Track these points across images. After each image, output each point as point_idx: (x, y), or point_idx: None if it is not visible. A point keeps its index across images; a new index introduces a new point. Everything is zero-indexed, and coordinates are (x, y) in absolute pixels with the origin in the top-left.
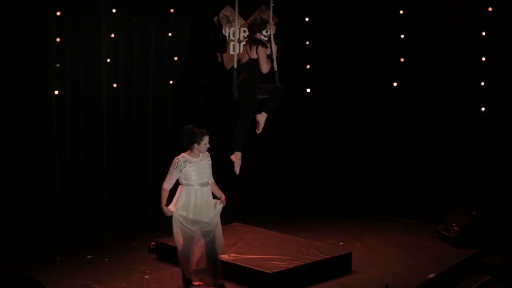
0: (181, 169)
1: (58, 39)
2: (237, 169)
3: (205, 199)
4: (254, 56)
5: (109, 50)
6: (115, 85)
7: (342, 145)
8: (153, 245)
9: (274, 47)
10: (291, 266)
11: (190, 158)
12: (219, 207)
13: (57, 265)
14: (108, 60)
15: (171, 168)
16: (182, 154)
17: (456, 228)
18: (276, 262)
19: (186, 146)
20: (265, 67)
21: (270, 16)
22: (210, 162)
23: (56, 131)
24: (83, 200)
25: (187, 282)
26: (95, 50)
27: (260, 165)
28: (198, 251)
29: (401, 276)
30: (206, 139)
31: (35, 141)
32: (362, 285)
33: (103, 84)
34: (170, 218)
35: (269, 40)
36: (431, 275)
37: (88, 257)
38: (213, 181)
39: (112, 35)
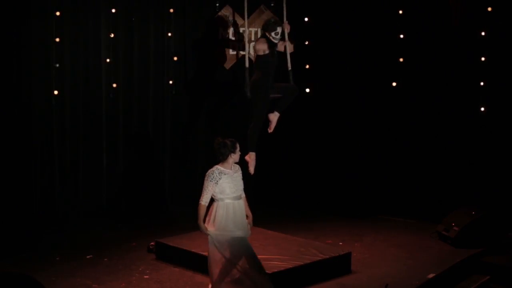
0: (217, 181)
1: (57, 39)
2: (251, 169)
3: (241, 213)
4: (259, 52)
5: (109, 50)
6: (114, 85)
7: (341, 145)
8: (152, 245)
9: (289, 46)
10: (291, 266)
11: (224, 169)
12: (248, 228)
13: (56, 265)
14: (108, 60)
15: (205, 182)
16: (216, 166)
17: (455, 228)
18: (276, 262)
19: (221, 159)
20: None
21: (284, 15)
22: (241, 175)
23: (56, 131)
24: (82, 200)
25: None
26: (95, 50)
27: (259, 165)
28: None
29: (400, 276)
30: (238, 146)
31: (35, 141)
32: (362, 285)
33: (102, 84)
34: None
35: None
36: (431, 275)
37: (88, 257)
38: (244, 195)
39: (112, 35)
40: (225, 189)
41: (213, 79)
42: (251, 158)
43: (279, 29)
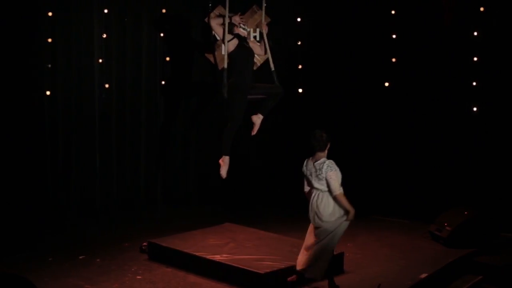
0: (337, 169)
1: (49, 40)
2: (223, 173)
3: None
4: (230, 48)
5: (101, 51)
6: (107, 86)
7: (334, 145)
8: (145, 245)
9: (268, 47)
10: (283, 266)
11: None
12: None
13: (49, 265)
14: (100, 60)
15: (332, 172)
16: (325, 158)
17: (448, 228)
18: (268, 262)
19: (322, 150)
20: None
21: (263, 17)
22: None
23: (48, 132)
24: (75, 200)
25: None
26: (87, 51)
27: (252, 165)
28: None
29: (393, 276)
30: None
31: (27, 142)
32: (354, 285)
33: (95, 85)
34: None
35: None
36: (423, 275)
37: (81, 257)
38: None
39: (104, 36)
40: None
41: (205, 80)
42: (224, 162)
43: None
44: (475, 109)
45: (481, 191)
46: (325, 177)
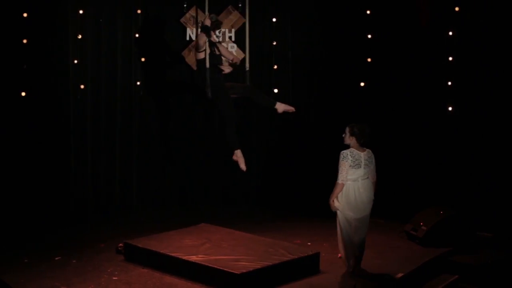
0: None
1: (25, 41)
2: (243, 166)
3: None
4: (201, 56)
5: (76, 51)
6: (82, 86)
7: (310, 146)
8: (121, 246)
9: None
10: (259, 267)
11: None
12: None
13: (25, 266)
14: (76, 61)
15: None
16: None
17: (423, 228)
18: (244, 263)
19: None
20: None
21: (247, 17)
22: None
23: (23, 133)
24: (51, 201)
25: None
26: (63, 51)
27: (230, 166)
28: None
29: (369, 276)
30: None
31: (1, 142)
32: (330, 285)
33: (70, 85)
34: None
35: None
36: (399, 275)
37: (56, 258)
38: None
39: (80, 36)
40: None
41: (181, 80)
42: (237, 155)
43: (221, 27)
44: (450, 108)
45: (456, 190)
46: (373, 164)
